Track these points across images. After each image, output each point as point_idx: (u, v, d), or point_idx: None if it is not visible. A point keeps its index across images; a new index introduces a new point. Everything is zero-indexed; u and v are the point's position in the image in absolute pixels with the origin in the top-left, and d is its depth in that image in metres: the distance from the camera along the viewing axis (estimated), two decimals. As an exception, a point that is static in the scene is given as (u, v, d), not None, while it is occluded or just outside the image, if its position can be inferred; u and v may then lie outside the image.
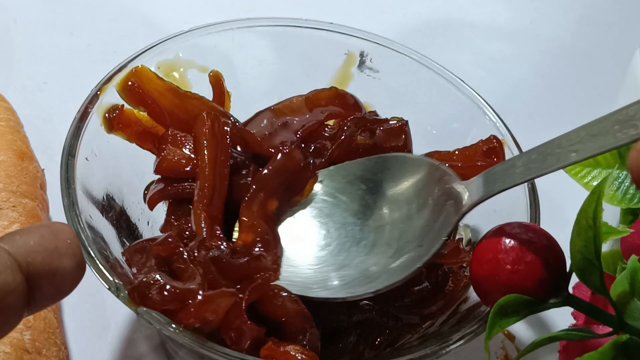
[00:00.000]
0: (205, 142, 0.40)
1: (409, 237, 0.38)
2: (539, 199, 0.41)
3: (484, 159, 0.43)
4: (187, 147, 0.41)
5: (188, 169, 0.41)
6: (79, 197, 0.37)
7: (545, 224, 0.38)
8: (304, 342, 0.36)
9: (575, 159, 0.31)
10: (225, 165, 0.40)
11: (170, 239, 0.36)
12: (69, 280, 0.28)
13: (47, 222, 0.33)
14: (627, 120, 0.29)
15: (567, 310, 0.36)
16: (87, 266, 0.34)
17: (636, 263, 0.33)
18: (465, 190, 0.37)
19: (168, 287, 0.33)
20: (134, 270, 0.36)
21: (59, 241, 0.27)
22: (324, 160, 0.42)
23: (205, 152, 0.40)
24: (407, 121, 0.44)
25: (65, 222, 0.36)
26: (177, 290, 0.33)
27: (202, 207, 0.39)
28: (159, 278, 0.34)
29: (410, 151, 0.44)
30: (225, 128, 0.41)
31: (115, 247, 0.38)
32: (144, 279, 0.34)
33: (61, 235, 0.28)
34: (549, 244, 0.35)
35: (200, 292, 0.34)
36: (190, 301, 0.33)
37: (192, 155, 0.41)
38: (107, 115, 0.41)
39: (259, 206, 0.39)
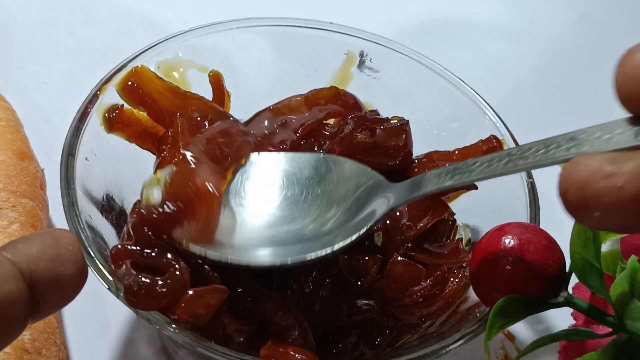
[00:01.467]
0: (180, 142, 0.40)
1: (332, 226, 0.38)
2: (538, 199, 0.41)
3: (484, 159, 0.43)
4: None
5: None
6: (78, 197, 0.37)
7: (545, 224, 0.38)
8: (298, 340, 0.36)
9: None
10: None
11: (115, 253, 0.35)
12: (72, 286, 0.28)
13: (49, 230, 0.33)
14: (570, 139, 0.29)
15: (567, 311, 0.36)
16: (88, 266, 0.35)
17: (636, 263, 0.33)
18: (393, 193, 0.37)
19: (159, 283, 0.33)
20: (122, 272, 0.36)
21: (61, 248, 0.27)
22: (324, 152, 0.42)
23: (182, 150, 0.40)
24: (407, 121, 0.44)
25: (65, 222, 0.36)
26: (168, 282, 0.33)
27: None
28: (146, 279, 0.33)
29: (410, 151, 0.44)
30: (203, 123, 0.41)
31: (115, 247, 0.38)
32: (132, 283, 0.33)
33: (63, 242, 0.28)
34: (549, 244, 0.35)
35: (189, 291, 0.34)
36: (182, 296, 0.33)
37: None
38: (107, 115, 0.41)
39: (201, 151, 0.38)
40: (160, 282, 0.33)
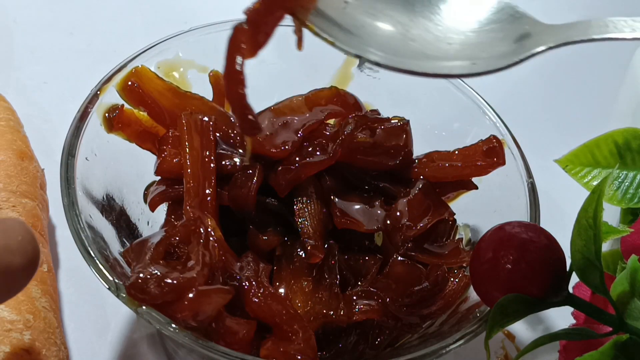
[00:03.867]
0: (186, 142, 0.40)
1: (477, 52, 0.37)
2: (539, 198, 0.41)
3: (484, 158, 0.43)
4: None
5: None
6: (79, 197, 0.37)
7: (545, 224, 0.38)
8: (299, 343, 0.36)
9: None
10: (211, 161, 0.40)
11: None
12: (20, 276, 0.27)
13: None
14: None
15: (567, 310, 0.36)
16: (88, 266, 0.35)
17: (636, 263, 0.33)
18: (550, 33, 0.36)
19: (166, 279, 0.33)
20: (132, 268, 0.36)
21: (10, 239, 0.27)
22: (328, 158, 0.42)
23: (187, 150, 0.40)
24: (408, 120, 0.44)
25: (65, 221, 0.36)
26: (175, 282, 0.33)
27: (190, 206, 0.38)
28: (156, 271, 0.34)
29: (410, 151, 0.44)
30: (208, 123, 0.41)
31: (115, 247, 0.38)
32: (141, 274, 0.34)
33: (12, 233, 0.27)
34: (549, 243, 0.35)
35: (194, 289, 0.34)
36: (187, 294, 0.33)
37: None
38: (107, 115, 0.41)
39: None
40: (168, 278, 0.33)
